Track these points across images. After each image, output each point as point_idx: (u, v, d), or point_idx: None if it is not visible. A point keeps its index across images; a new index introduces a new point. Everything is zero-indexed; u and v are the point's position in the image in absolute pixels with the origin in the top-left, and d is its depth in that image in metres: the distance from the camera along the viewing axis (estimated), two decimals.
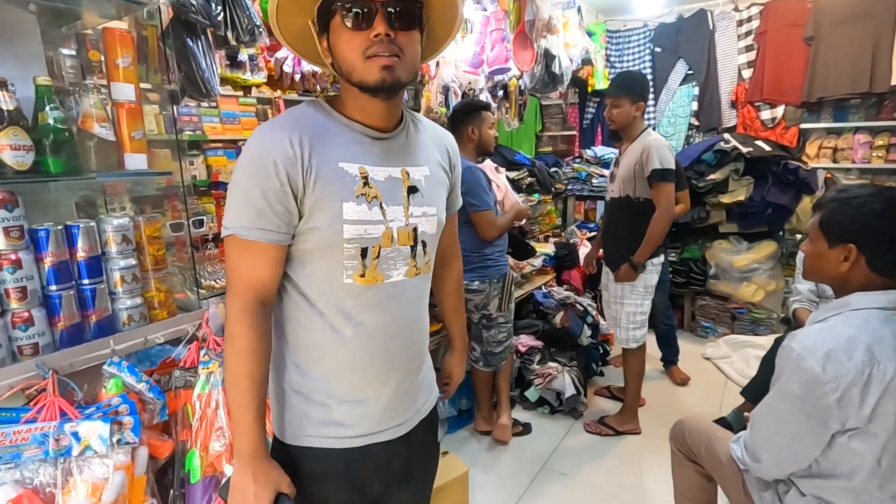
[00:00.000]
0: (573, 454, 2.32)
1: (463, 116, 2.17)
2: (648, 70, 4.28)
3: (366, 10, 0.77)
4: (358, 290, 0.85)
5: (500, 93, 3.06)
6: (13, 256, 0.98)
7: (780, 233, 3.46)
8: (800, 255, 2.18)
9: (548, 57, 2.95)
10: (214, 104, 3.20)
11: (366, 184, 0.83)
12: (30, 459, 0.92)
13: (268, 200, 0.78)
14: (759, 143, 3.39)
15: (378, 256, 0.85)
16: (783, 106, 3.72)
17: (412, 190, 0.89)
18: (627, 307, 2.31)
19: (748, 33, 3.83)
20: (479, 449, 2.39)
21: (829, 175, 3.34)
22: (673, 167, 2.14)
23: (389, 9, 0.77)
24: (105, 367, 1.07)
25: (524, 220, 2.91)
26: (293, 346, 0.89)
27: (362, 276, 0.84)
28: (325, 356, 0.87)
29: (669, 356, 3.06)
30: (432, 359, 1.06)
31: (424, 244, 0.92)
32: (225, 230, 0.82)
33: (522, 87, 3.11)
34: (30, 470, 0.93)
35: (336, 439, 0.89)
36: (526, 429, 2.50)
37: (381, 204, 0.84)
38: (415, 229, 0.89)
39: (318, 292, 0.85)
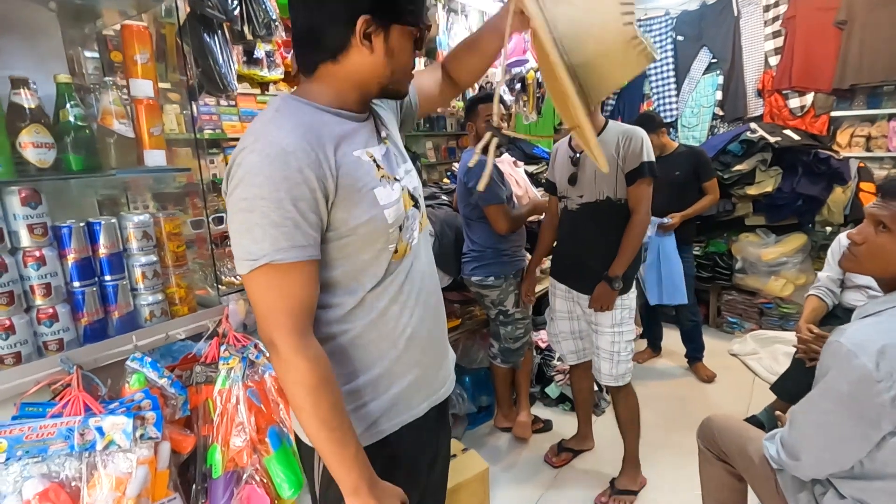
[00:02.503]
0: (595, 451, 2.28)
1: (466, 114, 2.23)
2: (671, 59, 4.18)
3: (423, 36, 0.85)
4: (395, 266, 0.86)
5: (518, 85, 3.01)
6: (37, 253, 0.99)
7: (811, 225, 3.34)
8: (834, 247, 2.09)
9: None
10: (233, 103, 3.23)
11: (378, 166, 0.83)
12: (56, 454, 0.93)
13: (301, 212, 0.71)
14: (788, 132, 3.27)
15: (403, 229, 0.86)
16: (812, 93, 3.58)
17: (393, 155, 0.91)
18: (627, 335, 1.88)
19: (775, 18, 3.70)
20: (499, 446, 2.37)
21: (862, 164, 3.21)
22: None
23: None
24: (128, 362, 1.08)
25: (543, 215, 2.87)
26: (347, 352, 0.84)
27: (396, 251, 0.85)
28: (381, 343, 0.86)
29: (694, 353, 2.99)
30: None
31: (418, 198, 0.94)
32: (250, 262, 0.71)
33: (540, 80, 3.06)
34: (56, 464, 0.94)
35: (407, 415, 0.90)
36: (546, 425, 2.47)
37: (392, 180, 0.85)
38: (407, 189, 0.90)
39: (365, 288, 0.82)
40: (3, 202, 0.95)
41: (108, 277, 1.11)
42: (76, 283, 1.06)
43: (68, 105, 1.01)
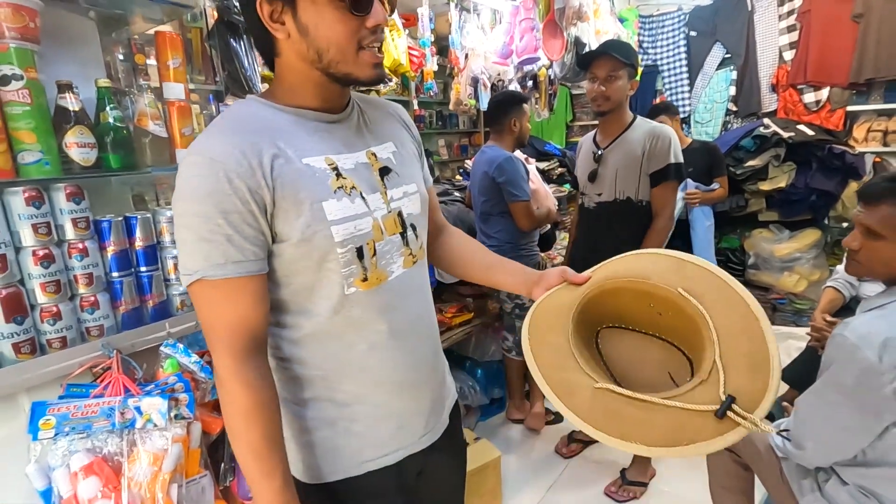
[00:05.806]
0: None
1: (506, 107, 2.18)
2: (683, 55, 4.17)
3: None
4: (363, 297, 0.76)
5: (530, 83, 3.04)
6: (81, 246, 1.06)
7: (825, 220, 3.32)
8: None
9: (578, 45, 2.92)
10: None
11: (339, 175, 0.73)
12: (99, 430, 1.01)
13: (234, 225, 0.65)
14: (802, 127, 3.26)
15: (375, 253, 0.76)
16: (828, 88, 3.55)
17: (384, 171, 0.80)
18: None
19: (790, 13, 3.67)
20: (511, 437, 2.42)
21: (878, 159, 3.19)
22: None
23: None
24: (162, 347, 1.15)
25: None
26: (305, 380, 0.79)
27: (364, 280, 0.75)
28: (344, 379, 0.79)
29: None
30: (460, 348, 1.06)
31: (414, 227, 0.83)
32: (186, 277, 0.67)
33: (552, 77, 3.09)
34: (99, 440, 1.01)
35: (373, 461, 0.82)
36: (558, 417, 2.50)
37: (360, 194, 0.75)
38: (399, 213, 0.80)
39: (319, 313, 0.75)
40: (50, 198, 1.02)
41: (143, 268, 1.17)
42: (115, 274, 1.13)
43: (108, 108, 1.08)
